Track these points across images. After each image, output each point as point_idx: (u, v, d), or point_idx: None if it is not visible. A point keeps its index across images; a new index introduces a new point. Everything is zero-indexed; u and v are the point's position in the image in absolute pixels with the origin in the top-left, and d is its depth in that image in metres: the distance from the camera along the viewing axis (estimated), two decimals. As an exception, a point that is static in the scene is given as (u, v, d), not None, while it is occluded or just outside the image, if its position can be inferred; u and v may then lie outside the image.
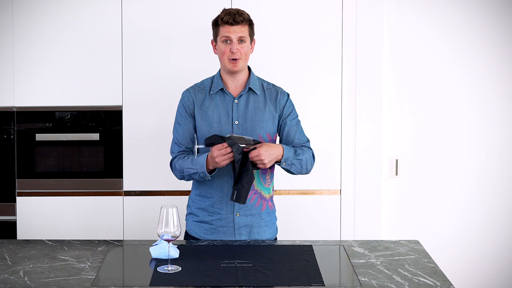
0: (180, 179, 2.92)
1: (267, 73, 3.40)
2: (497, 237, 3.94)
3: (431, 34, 3.84)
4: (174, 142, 2.95)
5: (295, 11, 3.76)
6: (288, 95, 2.98)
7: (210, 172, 2.81)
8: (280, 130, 2.97)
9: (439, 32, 3.84)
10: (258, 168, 2.79)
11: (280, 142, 2.97)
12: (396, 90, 3.86)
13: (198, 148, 2.81)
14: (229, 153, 2.71)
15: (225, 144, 2.71)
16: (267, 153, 2.75)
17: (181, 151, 2.92)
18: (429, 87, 3.86)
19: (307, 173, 2.95)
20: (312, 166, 2.95)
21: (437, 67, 3.85)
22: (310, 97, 3.78)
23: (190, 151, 2.92)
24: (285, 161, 2.82)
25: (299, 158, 2.87)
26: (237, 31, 2.82)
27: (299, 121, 2.99)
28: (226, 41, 2.84)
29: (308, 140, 2.99)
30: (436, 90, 3.87)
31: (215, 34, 2.89)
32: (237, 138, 2.74)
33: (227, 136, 2.75)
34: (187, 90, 2.97)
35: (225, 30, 2.83)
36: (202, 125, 2.90)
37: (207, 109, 2.91)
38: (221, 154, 2.72)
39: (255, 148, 2.75)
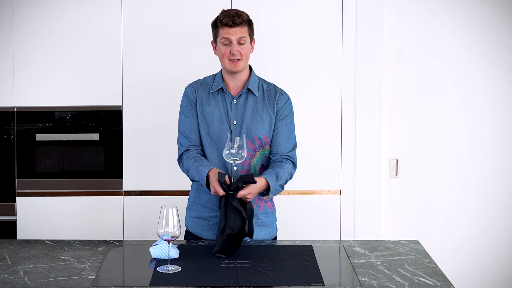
0: (186, 175, 2.94)
1: (267, 73, 3.39)
2: (497, 237, 3.94)
3: (431, 33, 3.83)
4: (182, 135, 2.95)
5: (295, 11, 3.76)
6: (288, 97, 2.97)
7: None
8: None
9: (438, 32, 3.83)
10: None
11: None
12: (396, 90, 3.86)
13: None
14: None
15: (221, 191, 2.68)
16: (252, 193, 2.74)
17: (191, 145, 2.92)
18: (429, 87, 3.86)
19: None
20: (292, 177, 2.94)
21: (437, 67, 3.85)
22: (310, 97, 3.78)
23: (199, 145, 2.93)
24: (272, 192, 2.81)
25: (281, 183, 2.85)
26: (236, 33, 2.82)
27: (292, 126, 2.96)
28: (226, 43, 2.84)
29: (293, 148, 2.95)
30: (436, 90, 3.86)
31: (215, 35, 2.89)
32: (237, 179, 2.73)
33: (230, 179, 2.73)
34: (190, 84, 2.98)
35: (224, 32, 2.83)
36: (202, 121, 2.91)
37: (208, 106, 2.91)
38: (213, 191, 2.73)
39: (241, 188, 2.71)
